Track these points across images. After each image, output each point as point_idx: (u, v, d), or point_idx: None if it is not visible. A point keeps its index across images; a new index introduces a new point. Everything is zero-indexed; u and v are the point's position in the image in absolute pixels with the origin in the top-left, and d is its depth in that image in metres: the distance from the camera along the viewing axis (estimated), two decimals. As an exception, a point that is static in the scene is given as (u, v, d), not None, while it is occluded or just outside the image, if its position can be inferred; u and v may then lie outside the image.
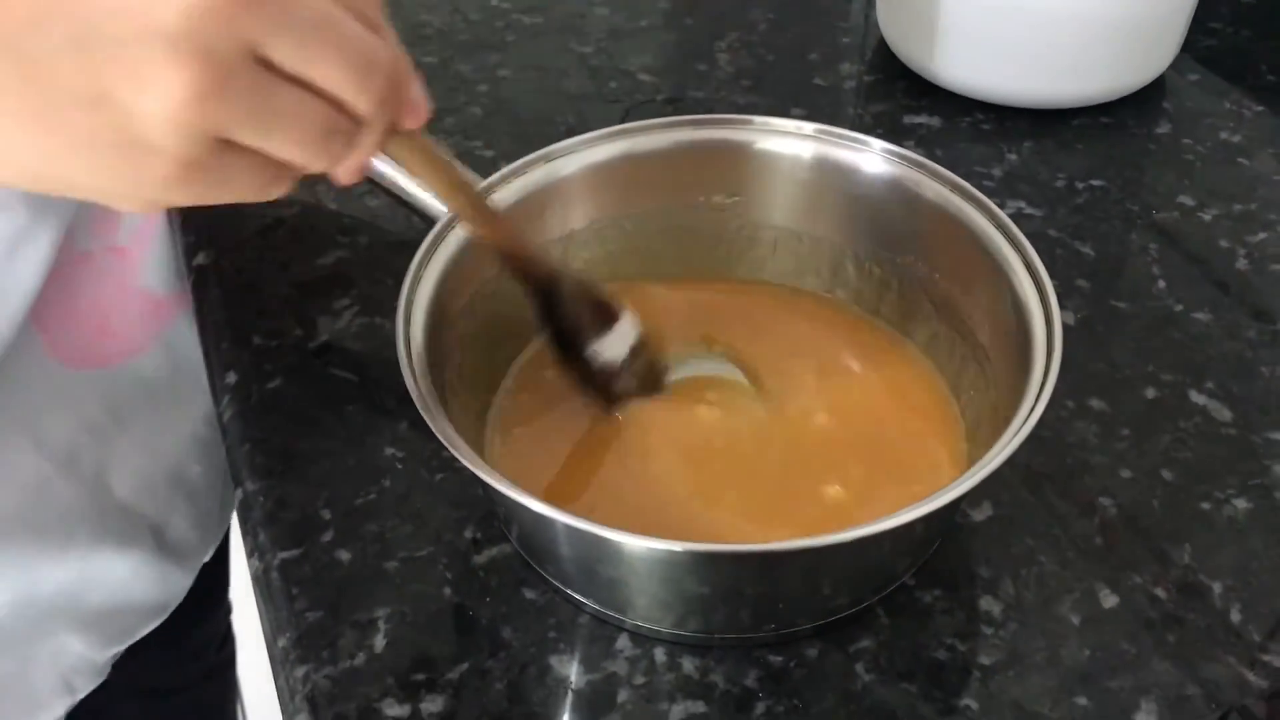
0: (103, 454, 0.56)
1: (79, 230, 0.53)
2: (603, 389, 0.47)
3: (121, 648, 0.60)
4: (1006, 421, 0.39)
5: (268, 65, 0.28)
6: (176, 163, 0.28)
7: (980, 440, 0.44)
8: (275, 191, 0.32)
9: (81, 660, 0.57)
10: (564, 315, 0.46)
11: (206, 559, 0.66)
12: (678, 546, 0.36)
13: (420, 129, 0.35)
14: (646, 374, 0.48)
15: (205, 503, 0.64)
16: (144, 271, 0.58)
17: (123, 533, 0.57)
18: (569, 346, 0.47)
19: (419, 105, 0.34)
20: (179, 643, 0.77)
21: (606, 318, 0.47)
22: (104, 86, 0.27)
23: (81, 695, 0.59)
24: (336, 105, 0.30)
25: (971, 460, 0.43)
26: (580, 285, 0.46)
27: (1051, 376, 0.39)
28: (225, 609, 0.87)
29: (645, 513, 0.43)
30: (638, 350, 0.47)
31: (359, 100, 0.30)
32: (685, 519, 0.43)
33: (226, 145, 0.29)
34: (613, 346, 0.46)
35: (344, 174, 0.33)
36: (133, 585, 0.59)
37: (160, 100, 0.27)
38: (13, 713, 0.56)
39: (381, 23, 0.32)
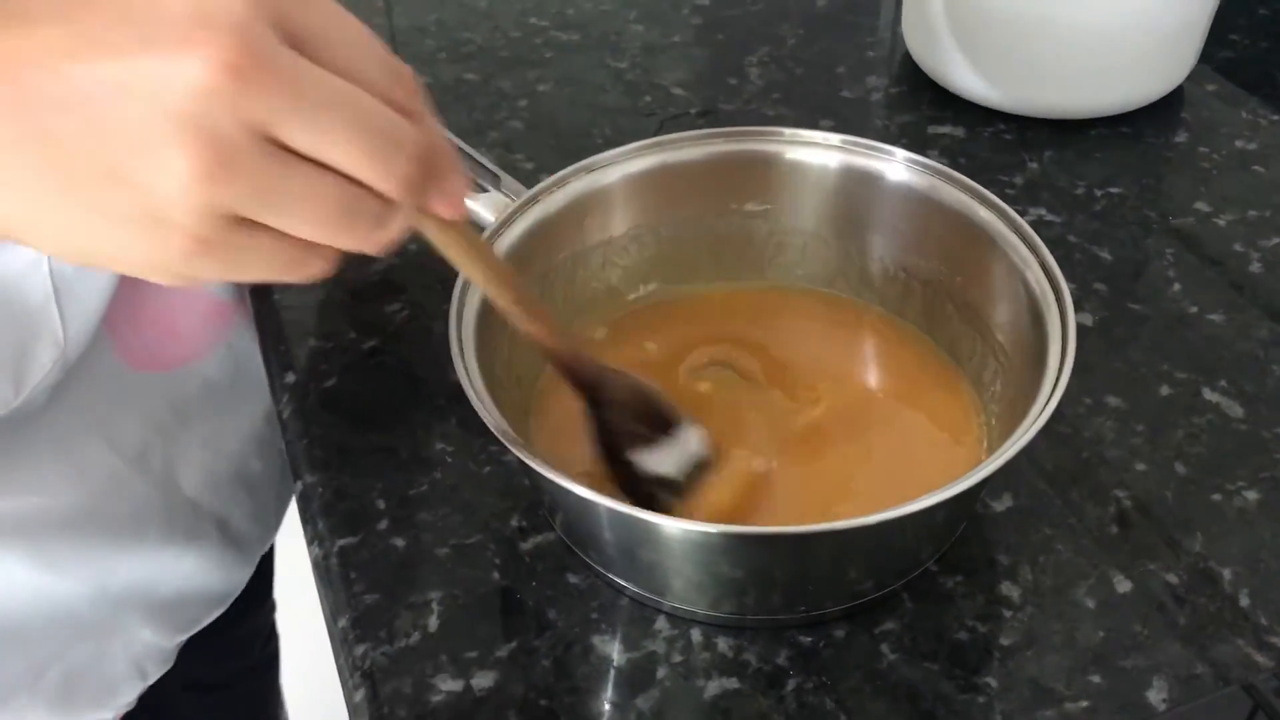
0: (170, 452, 0.59)
1: None
2: (645, 495, 0.45)
3: (187, 635, 0.63)
4: (1024, 415, 0.41)
5: (282, 146, 0.29)
6: (193, 239, 0.29)
7: (999, 434, 0.46)
8: (308, 271, 0.32)
9: (152, 648, 0.61)
10: (612, 417, 0.46)
11: (263, 551, 0.69)
12: (712, 529, 0.38)
13: (461, 220, 0.35)
14: (697, 482, 0.46)
15: (264, 496, 0.67)
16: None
17: (190, 526, 0.61)
18: (615, 449, 0.46)
19: (455, 196, 0.33)
20: (225, 636, 0.80)
21: (663, 425, 0.46)
22: (120, 166, 0.28)
23: (152, 680, 0.62)
24: (359, 185, 0.30)
25: (991, 454, 0.46)
26: (633, 389, 0.46)
27: (1066, 372, 0.42)
28: (270, 605, 0.91)
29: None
30: (697, 469, 0.46)
31: (382, 183, 0.30)
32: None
33: (244, 223, 0.29)
34: (665, 459, 0.45)
35: (372, 248, 0.32)
36: (199, 576, 0.62)
37: (170, 179, 0.28)
38: (91, 697, 0.59)
39: (417, 107, 0.31)
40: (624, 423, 0.46)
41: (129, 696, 0.61)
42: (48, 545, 0.54)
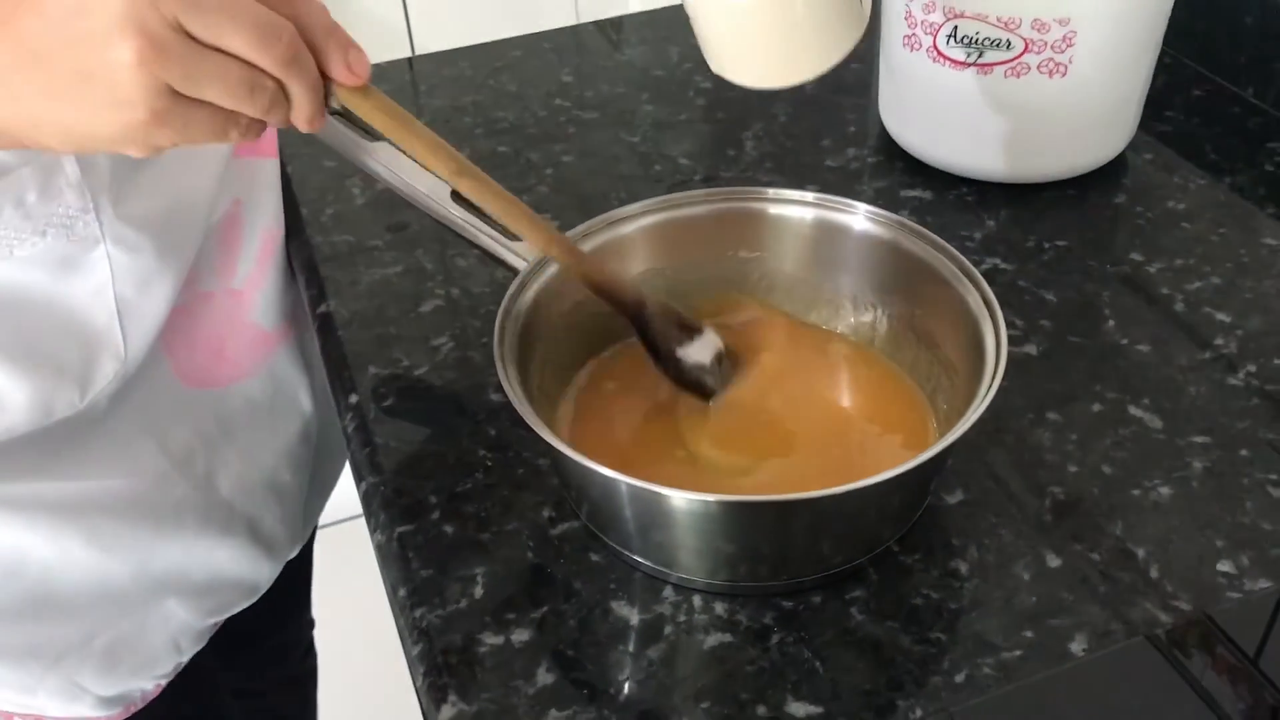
0: (212, 458, 0.69)
1: (204, 274, 0.66)
2: (693, 384, 0.60)
3: (218, 619, 0.72)
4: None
5: (193, 38, 0.40)
6: (148, 110, 0.40)
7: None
8: (235, 134, 0.43)
9: (186, 625, 0.70)
10: (652, 329, 0.59)
11: (291, 556, 0.78)
12: (710, 498, 0.48)
13: (363, 86, 0.44)
14: (724, 372, 0.60)
15: (293, 505, 0.77)
16: (255, 309, 0.71)
17: (223, 523, 0.70)
18: (660, 352, 0.59)
19: (351, 65, 0.44)
20: (266, 643, 0.89)
21: (690, 331, 0.59)
22: (89, 64, 0.39)
23: (187, 657, 0.71)
24: (254, 68, 0.41)
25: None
26: (660, 305, 0.59)
27: (997, 379, 0.51)
28: (308, 620, 0.99)
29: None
30: (720, 355, 0.60)
31: (264, 62, 0.41)
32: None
33: (182, 99, 0.40)
34: (698, 351, 0.59)
35: (301, 124, 0.44)
36: (229, 567, 0.71)
37: (122, 68, 0.39)
38: (133, 665, 0.68)
39: (296, 8, 0.42)
40: (660, 329, 0.59)
41: (166, 668, 0.70)
42: (101, 527, 0.63)
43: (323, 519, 0.87)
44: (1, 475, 0.58)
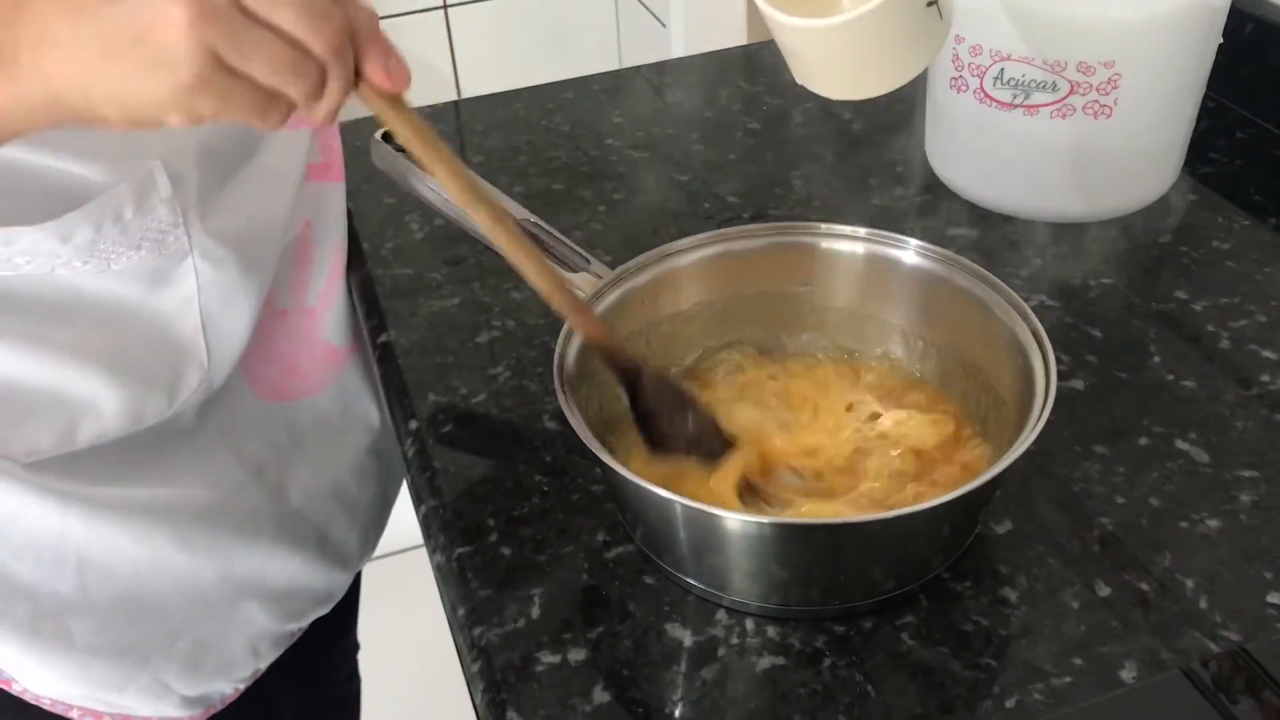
0: (283, 469, 0.71)
1: (279, 293, 0.69)
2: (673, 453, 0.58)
3: (296, 625, 0.74)
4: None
5: (247, 12, 0.40)
6: (192, 74, 0.40)
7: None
8: (272, 117, 0.42)
9: (265, 630, 0.72)
10: (644, 395, 0.58)
11: (362, 565, 0.80)
12: (764, 520, 0.49)
13: (397, 94, 0.44)
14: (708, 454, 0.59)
15: (361, 517, 0.79)
16: (327, 327, 0.74)
17: (295, 532, 0.72)
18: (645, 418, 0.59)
19: (389, 69, 0.43)
20: (311, 661, 0.91)
21: (682, 402, 0.59)
22: (139, 27, 0.39)
23: (266, 663, 0.73)
24: (300, 49, 0.41)
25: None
26: (643, 368, 0.58)
27: (1047, 409, 0.52)
28: (353, 642, 1.01)
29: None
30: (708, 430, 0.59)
31: (312, 43, 0.41)
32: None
33: (225, 67, 0.40)
34: (684, 424, 0.59)
35: (318, 116, 0.43)
36: (303, 575, 0.73)
37: (172, 28, 0.39)
38: (215, 667, 0.70)
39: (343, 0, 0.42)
40: (650, 395, 0.58)
41: (246, 671, 0.72)
42: (186, 530, 0.65)
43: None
44: (96, 478, 0.61)
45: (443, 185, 0.51)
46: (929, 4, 0.53)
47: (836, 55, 0.59)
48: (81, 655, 0.63)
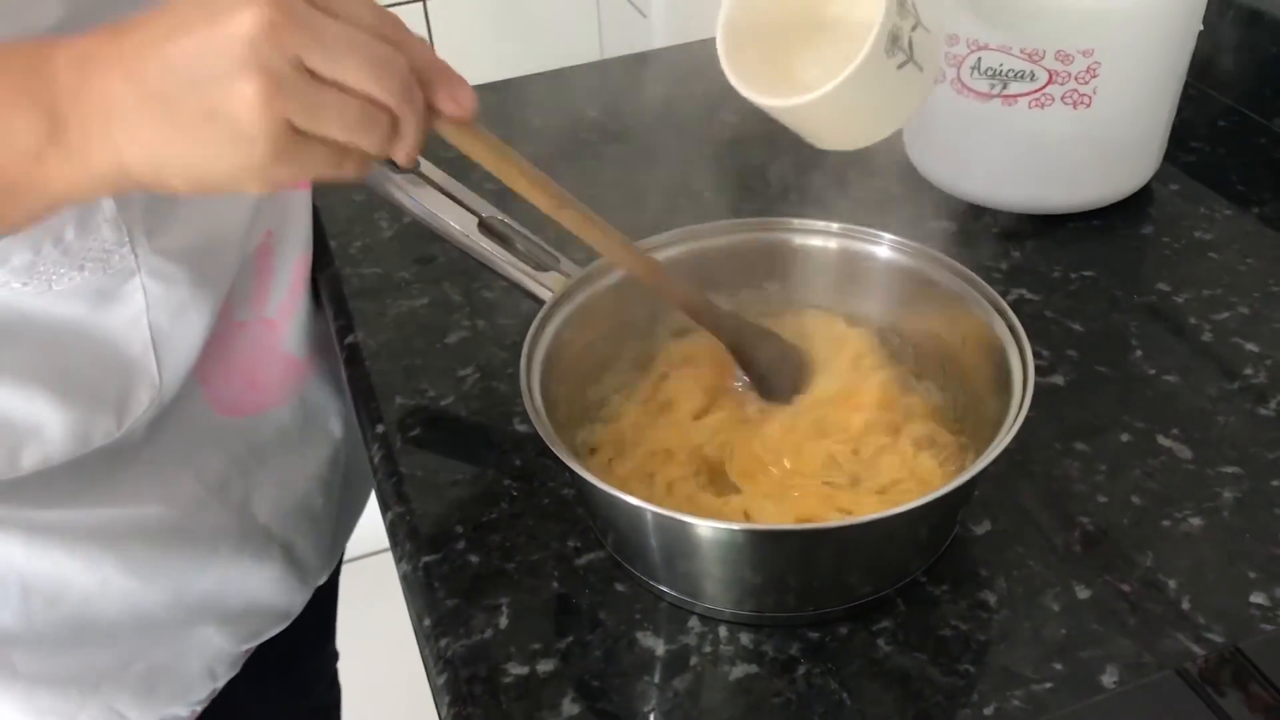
0: (247, 484, 0.69)
1: (238, 304, 0.67)
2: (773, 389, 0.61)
3: (252, 644, 0.72)
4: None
5: (314, 75, 0.40)
6: (270, 147, 0.40)
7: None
8: (350, 169, 0.43)
9: (222, 652, 0.70)
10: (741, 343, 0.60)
11: (322, 581, 0.78)
12: (736, 526, 0.48)
13: (468, 120, 0.45)
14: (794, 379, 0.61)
15: (326, 530, 0.77)
16: (287, 339, 0.72)
17: (258, 549, 0.70)
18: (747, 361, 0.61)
19: (457, 99, 0.44)
20: (291, 672, 0.89)
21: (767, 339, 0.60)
22: (212, 105, 0.39)
23: (222, 683, 0.71)
24: (371, 101, 0.41)
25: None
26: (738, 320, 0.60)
27: (1024, 408, 0.51)
28: (331, 652, 1.00)
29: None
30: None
31: (381, 95, 0.41)
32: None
33: (299, 134, 0.40)
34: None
35: (401, 157, 0.44)
36: (264, 593, 0.71)
37: (246, 107, 0.39)
38: (170, 692, 0.68)
39: (404, 37, 0.42)
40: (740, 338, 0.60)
41: (201, 694, 0.70)
42: (136, 555, 0.63)
43: (346, 554, 0.88)
44: (41, 503, 0.59)
45: (525, 194, 0.51)
46: (900, 66, 0.51)
47: (809, 125, 0.57)
48: (27, 685, 0.62)
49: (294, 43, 0.39)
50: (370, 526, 0.86)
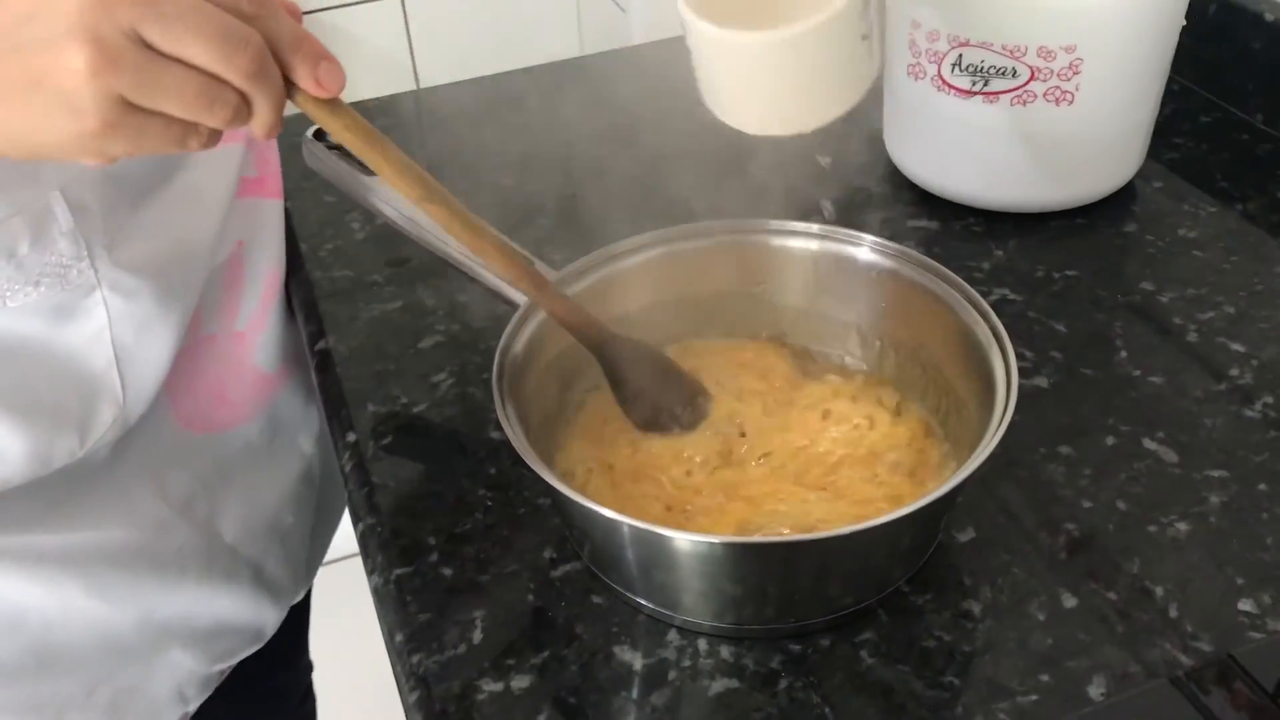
0: (214, 503, 0.67)
1: (206, 317, 0.65)
2: (657, 424, 0.59)
3: (225, 665, 0.71)
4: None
5: (151, 47, 0.39)
6: (99, 120, 0.38)
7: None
8: (194, 144, 0.41)
9: (192, 674, 0.68)
10: (620, 367, 0.57)
11: (296, 599, 0.77)
12: (715, 539, 0.47)
13: (331, 97, 0.43)
14: (692, 414, 0.59)
15: (296, 548, 0.75)
16: (256, 352, 0.70)
17: (227, 569, 0.68)
18: (625, 391, 0.58)
19: (321, 76, 0.42)
20: (263, 686, 0.87)
21: (662, 370, 0.58)
22: (40, 73, 0.38)
23: (193, 706, 0.69)
24: (215, 77, 0.39)
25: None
26: (630, 343, 0.57)
27: (1008, 414, 0.50)
28: (306, 664, 0.98)
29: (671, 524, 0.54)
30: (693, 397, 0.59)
31: (228, 73, 0.39)
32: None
33: (136, 109, 0.39)
34: (666, 392, 0.58)
35: (258, 134, 0.42)
36: (234, 613, 0.69)
37: (73, 76, 0.37)
38: (139, 717, 0.66)
39: (261, 9, 0.40)
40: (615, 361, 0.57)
41: (173, 717, 0.68)
42: (101, 577, 0.61)
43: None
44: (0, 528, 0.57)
45: (391, 184, 0.48)
46: (864, 37, 0.49)
47: (761, 78, 0.55)
48: None
49: (128, 13, 0.37)
50: (343, 529, 0.84)
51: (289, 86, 0.42)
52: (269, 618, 0.73)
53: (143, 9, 0.38)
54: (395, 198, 0.61)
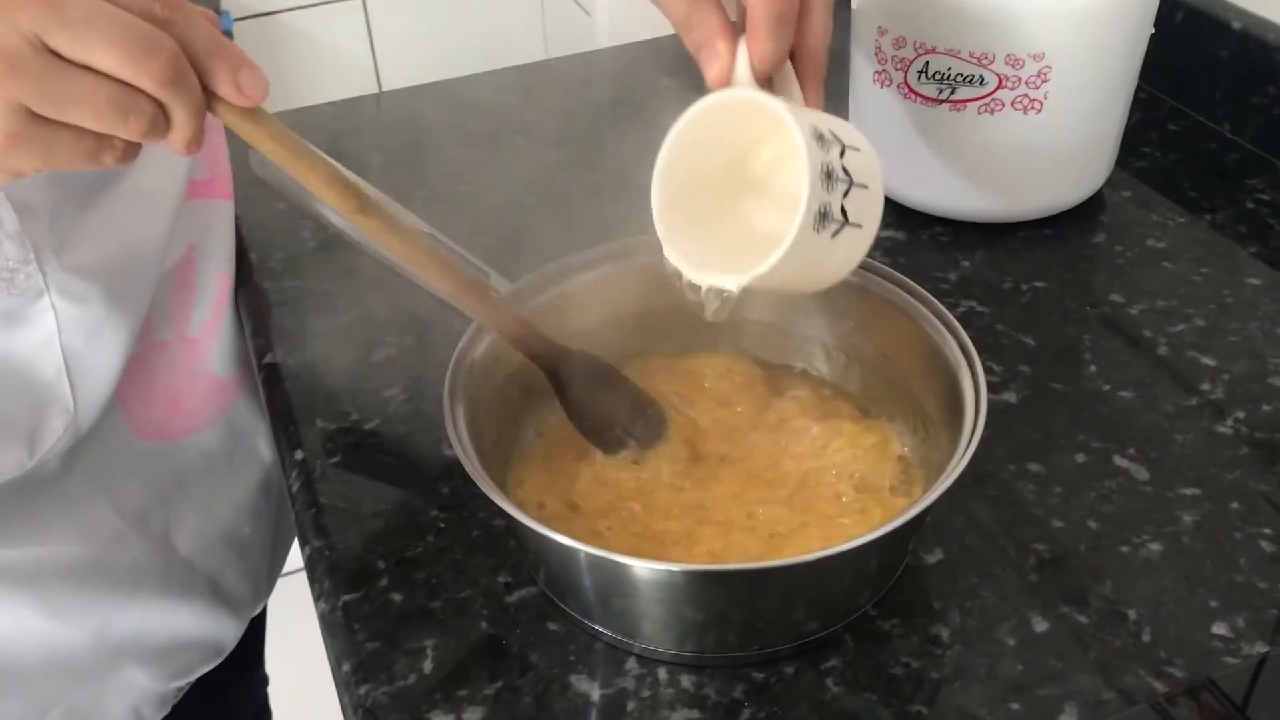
0: (169, 515, 0.65)
1: (158, 323, 0.63)
2: (610, 441, 0.56)
3: (183, 682, 0.68)
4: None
5: (57, 54, 0.36)
6: (2, 132, 0.36)
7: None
8: (108, 159, 0.39)
9: (148, 692, 0.66)
10: (571, 385, 0.55)
11: (256, 612, 0.74)
12: (675, 567, 0.45)
13: (253, 106, 0.40)
14: (647, 430, 0.56)
15: (255, 561, 0.73)
16: (211, 359, 0.68)
17: (184, 583, 0.66)
18: (575, 408, 0.56)
19: (242, 85, 0.39)
20: (217, 701, 0.85)
21: (612, 386, 0.56)
22: None
23: None
24: (128, 86, 0.37)
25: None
26: (581, 355, 0.55)
27: (977, 433, 0.48)
28: (261, 677, 0.95)
29: (643, 553, 0.52)
30: (648, 413, 0.56)
31: (140, 82, 0.37)
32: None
33: (43, 120, 0.37)
34: (619, 408, 0.56)
35: (177, 146, 0.39)
36: (191, 628, 0.67)
37: None
38: None
39: (176, 15, 0.38)
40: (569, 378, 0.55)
41: None
42: (52, 594, 0.59)
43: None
44: None
45: (319, 195, 0.46)
46: (834, 235, 0.47)
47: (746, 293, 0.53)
48: None
49: (31, 18, 0.35)
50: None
51: (209, 96, 0.40)
52: (228, 632, 0.71)
53: (46, 12, 0.35)
54: (341, 208, 0.59)
